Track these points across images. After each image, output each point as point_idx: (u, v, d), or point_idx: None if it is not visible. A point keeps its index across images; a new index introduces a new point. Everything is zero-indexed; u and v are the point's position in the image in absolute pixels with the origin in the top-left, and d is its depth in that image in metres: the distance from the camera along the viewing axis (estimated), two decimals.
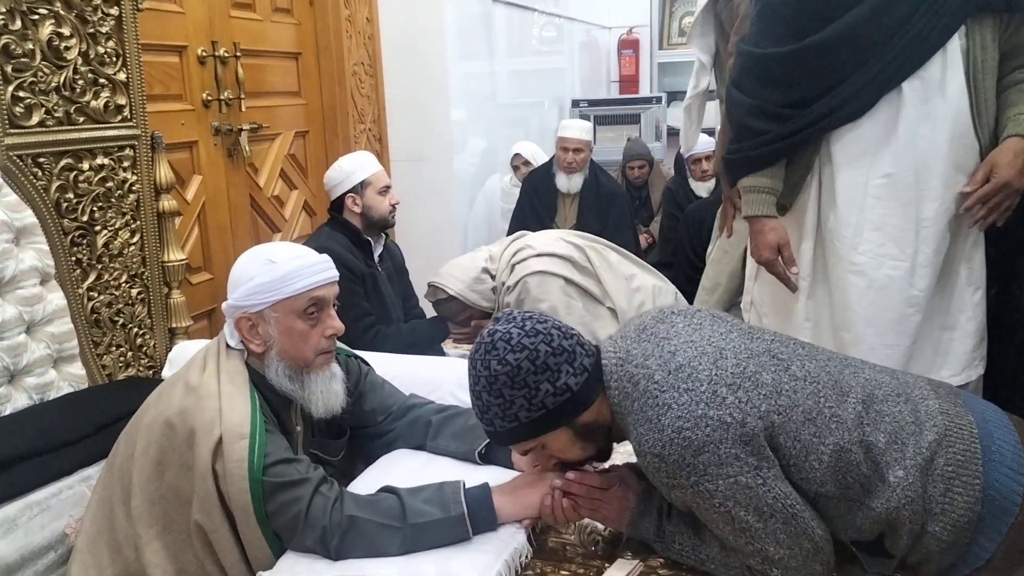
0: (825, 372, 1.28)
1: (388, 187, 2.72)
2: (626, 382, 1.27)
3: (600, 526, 1.42)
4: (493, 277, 2.86)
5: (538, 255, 2.82)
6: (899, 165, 1.79)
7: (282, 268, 1.43)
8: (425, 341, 2.68)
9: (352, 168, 2.69)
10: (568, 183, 3.87)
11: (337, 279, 1.51)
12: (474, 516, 1.32)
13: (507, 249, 2.90)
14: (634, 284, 2.81)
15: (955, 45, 1.74)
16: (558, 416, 1.27)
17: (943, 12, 1.72)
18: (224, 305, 1.48)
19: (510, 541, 1.32)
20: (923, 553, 1.23)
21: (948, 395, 1.32)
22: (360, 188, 2.67)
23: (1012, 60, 1.76)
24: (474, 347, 1.31)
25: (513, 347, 1.25)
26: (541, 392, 1.25)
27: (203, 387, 1.40)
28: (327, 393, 1.50)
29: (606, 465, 1.44)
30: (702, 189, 4.09)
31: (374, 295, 2.66)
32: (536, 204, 3.95)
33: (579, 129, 3.94)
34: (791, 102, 1.85)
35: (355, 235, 2.66)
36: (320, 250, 1.53)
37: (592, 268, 2.83)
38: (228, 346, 1.48)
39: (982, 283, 1.84)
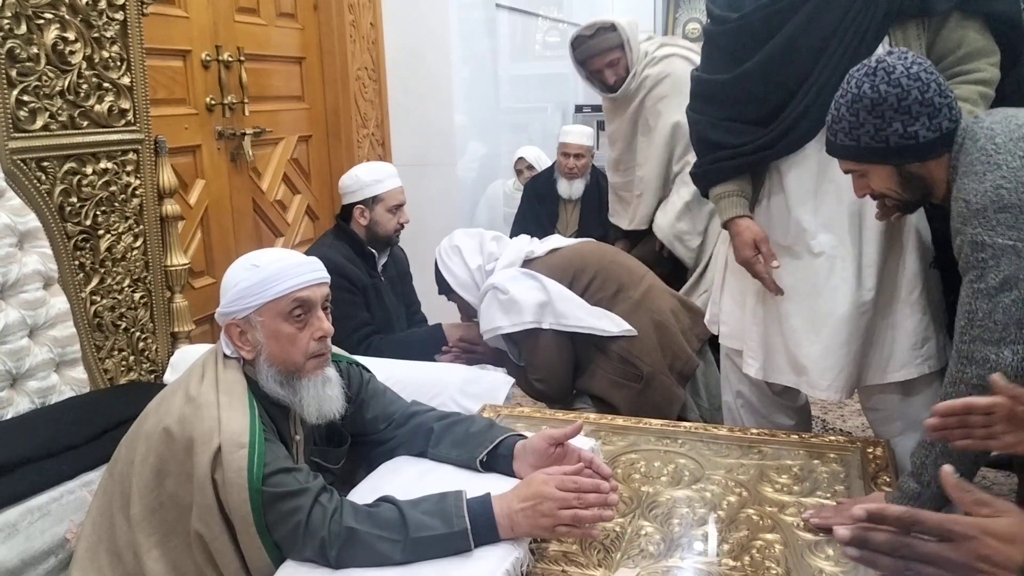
0: None
1: (400, 206, 2.66)
2: (968, 139, 1.43)
3: (599, 534, 1.41)
4: None
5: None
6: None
7: (264, 271, 1.43)
8: (420, 350, 2.64)
9: (368, 180, 2.62)
10: (569, 188, 3.87)
11: (326, 281, 1.49)
12: (477, 532, 1.31)
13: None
14: None
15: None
16: (892, 155, 1.47)
17: (867, 24, 1.76)
18: (216, 314, 1.48)
19: (512, 550, 1.31)
20: None
21: None
22: (371, 202, 2.62)
23: (949, 58, 1.79)
24: (859, 65, 1.49)
25: (890, 81, 1.43)
26: (890, 130, 1.44)
27: (202, 396, 1.39)
28: (320, 398, 1.48)
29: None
30: None
31: (377, 306, 2.63)
32: (538, 209, 3.95)
33: (580, 135, 3.95)
34: (749, 118, 1.94)
35: (359, 246, 2.63)
36: (320, 258, 1.52)
37: None
38: (225, 355, 1.47)
39: (919, 283, 1.87)
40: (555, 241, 2.62)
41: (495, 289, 2.42)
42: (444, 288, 2.61)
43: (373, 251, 2.66)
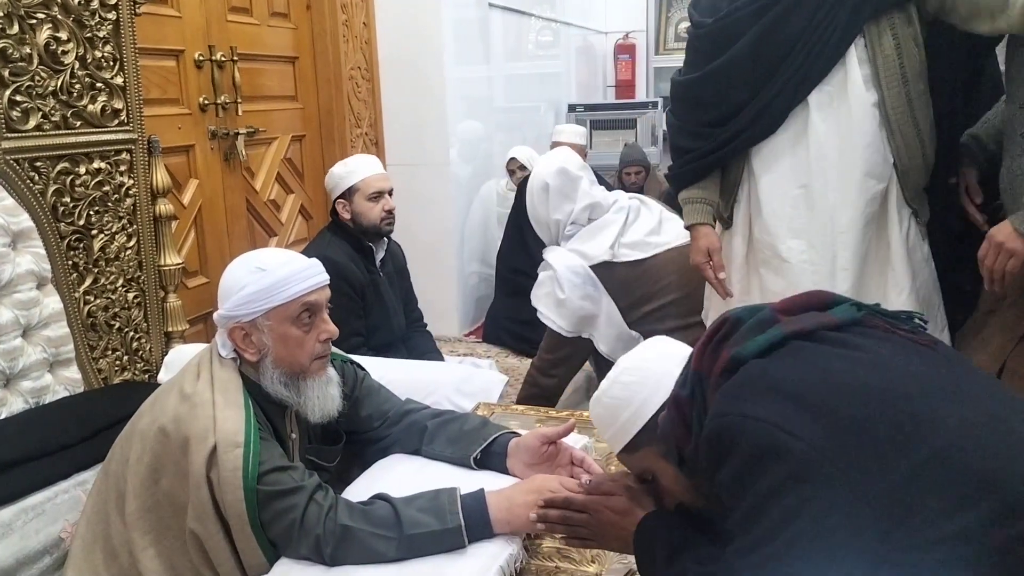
0: None
1: (380, 193, 2.62)
2: None
3: None
4: None
5: None
6: (813, 175, 1.88)
7: (273, 275, 1.42)
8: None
9: (342, 173, 2.63)
10: None
11: (328, 283, 1.50)
12: (471, 527, 1.32)
13: None
14: None
15: (853, 56, 1.81)
16: None
17: (836, 25, 1.79)
18: (215, 316, 1.48)
19: (505, 547, 1.32)
20: None
21: None
22: (348, 194, 2.61)
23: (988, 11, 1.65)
24: None
25: None
26: None
27: (197, 395, 1.39)
28: (323, 398, 1.50)
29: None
30: None
31: (376, 302, 2.62)
32: None
33: (573, 133, 3.97)
34: (710, 121, 1.99)
35: (356, 241, 2.62)
36: (320, 258, 1.52)
37: None
38: (220, 355, 1.47)
39: (907, 286, 1.88)
40: (645, 246, 2.45)
41: (556, 278, 2.42)
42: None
43: (370, 245, 2.65)
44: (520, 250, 3.92)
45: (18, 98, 1.71)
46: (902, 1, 1.77)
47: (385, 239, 2.75)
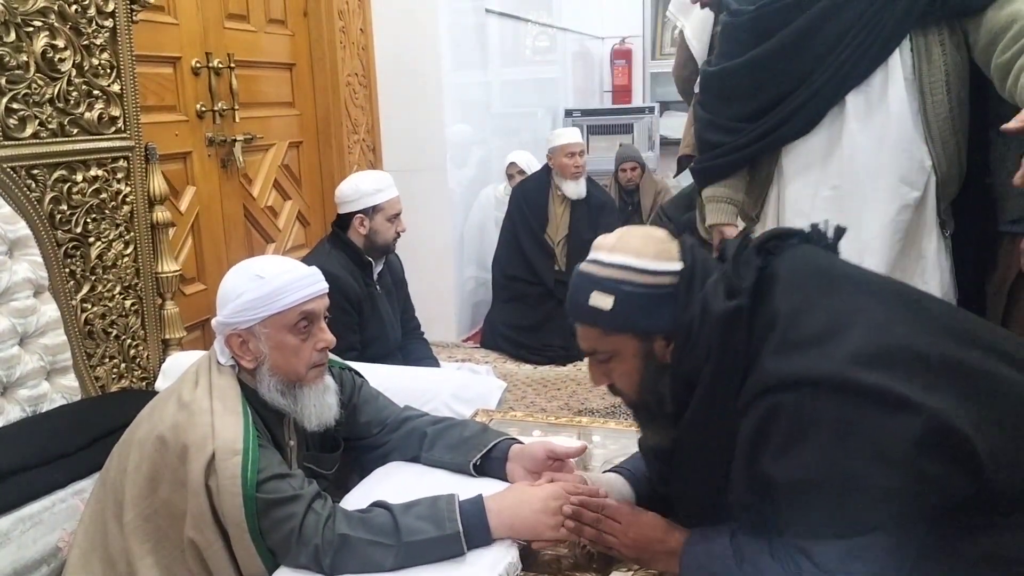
0: None
1: (398, 214, 2.68)
2: None
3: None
4: None
5: None
6: (844, 177, 1.83)
7: (271, 283, 1.42)
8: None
9: (368, 190, 2.64)
10: (578, 189, 3.88)
11: (327, 291, 1.50)
12: (469, 534, 1.31)
13: None
14: None
15: (896, 59, 1.76)
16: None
17: (883, 26, 1.74)
18: (214, 322, 1.47)
19: (504, 555, 1.31)
20: None
21: None
22: (371, 212, 2.63)
23: (998, 43, 1.66)
24: None
25: None
26: None
27: (195, 403, 1.39)
28: (320, 406, 1.49)
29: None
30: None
31: (372, 316, 2.62)
32: (527, 214, 3.95)
33: (576, 134, 4.00)
34: (742, 116, 1.93)
35: (356, 255, 2.62)
36: (318, 270, 1.52)
37: None
38: (219, 362, 1.47)
39: (938, 296, 1.83)
40: None
41: None
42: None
43: (370, 260, 2.66)
44: (516, 256, 3.93)
45: (15, 106, 1.71)
46: (953, 16, 1.73)
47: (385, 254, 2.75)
